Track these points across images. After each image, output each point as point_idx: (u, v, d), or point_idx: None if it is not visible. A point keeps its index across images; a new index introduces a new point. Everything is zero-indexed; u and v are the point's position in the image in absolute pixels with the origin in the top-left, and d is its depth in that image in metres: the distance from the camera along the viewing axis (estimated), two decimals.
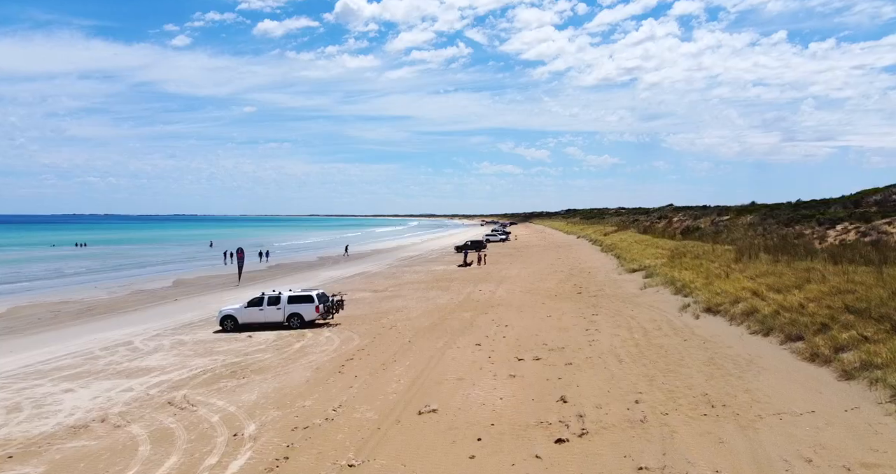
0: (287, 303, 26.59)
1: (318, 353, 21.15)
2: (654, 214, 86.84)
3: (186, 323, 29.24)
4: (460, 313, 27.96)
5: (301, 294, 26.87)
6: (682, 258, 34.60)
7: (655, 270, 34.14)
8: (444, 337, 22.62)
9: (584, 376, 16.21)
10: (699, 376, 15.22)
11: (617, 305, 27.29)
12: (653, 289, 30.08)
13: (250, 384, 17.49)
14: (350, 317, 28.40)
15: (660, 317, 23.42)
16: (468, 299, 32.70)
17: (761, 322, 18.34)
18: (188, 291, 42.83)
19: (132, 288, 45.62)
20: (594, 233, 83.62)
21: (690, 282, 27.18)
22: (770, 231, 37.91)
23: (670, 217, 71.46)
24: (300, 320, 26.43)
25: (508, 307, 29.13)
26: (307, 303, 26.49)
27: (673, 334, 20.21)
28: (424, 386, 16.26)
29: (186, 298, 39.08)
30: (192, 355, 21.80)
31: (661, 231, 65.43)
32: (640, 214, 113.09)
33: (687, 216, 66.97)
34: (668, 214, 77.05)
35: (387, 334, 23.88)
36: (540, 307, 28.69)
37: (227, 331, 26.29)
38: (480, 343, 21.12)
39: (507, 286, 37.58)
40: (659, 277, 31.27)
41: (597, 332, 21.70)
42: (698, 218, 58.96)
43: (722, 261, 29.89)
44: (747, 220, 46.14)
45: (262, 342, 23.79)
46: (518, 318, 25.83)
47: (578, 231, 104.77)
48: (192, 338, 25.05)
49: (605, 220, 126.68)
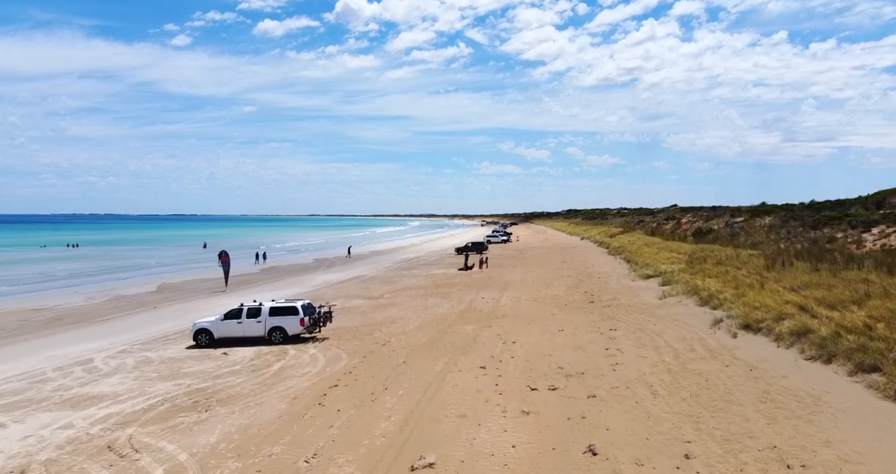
0: (268, 316, 23.66)
1: (299, 377, 18.23)
2: (662, 215, 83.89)
3: (160, 335, 26.34)
4: (461, 326, 25.04)
5: (284, 305, 23.95)
6: (703, 264, 31.68)
7: (673, 277, 31.22)
8: (444, 356, 19.70)
9: (613, 414, 13.28)
10: (758, 418, 12.28)
11: (636, 318, 24.36)
12: (674, 298, 27.13)
13: (213, 420, 14.57)
14: (340, 329, 25.48)
15: (689, 333, 20.48)
16: (470, 308, 29.78)
17: (819, 345, 15.40)
18: (171, 297, 39.91)
19: (112, 293, 42.71)
20: (599, 235, 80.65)
21: (718, 292, 24.25)
22: (795, 234, 34.98)
23: (678, 218, 68.51)
24: (283, 334, 23.50)
25: (514, 319, 26.21)
26: (291, 316, 23.56)
27: (710, 357, 17.28)
28: (420, 425, 13.35)
29: (167, 306, 36.16)
30: (155, 378, 18.88)
31: (671, 233, 62.50)
32: (643, 215, 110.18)
33: (696, 217, 64.03)
34: (676, 215, 74.11)
35: (379, 352, 20.96)
36: (549, 319, 25.77)
37: (201, 347, 23.37)
38: (485, 365, 18.19)
39: (511, 293, 34.66)
40: (679, 285, 28.34)
41: (619, 353, 18.77)
42: (710, 219, 56.01)
43: (750, 269, 26.96)
44: (765, 222, 43.20)
45: (237, 361, 20.86)
46: (526, 333, 22.91)
47: (581, 232, 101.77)
48: (160, 356, 22.12)
49: (609, 221, 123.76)
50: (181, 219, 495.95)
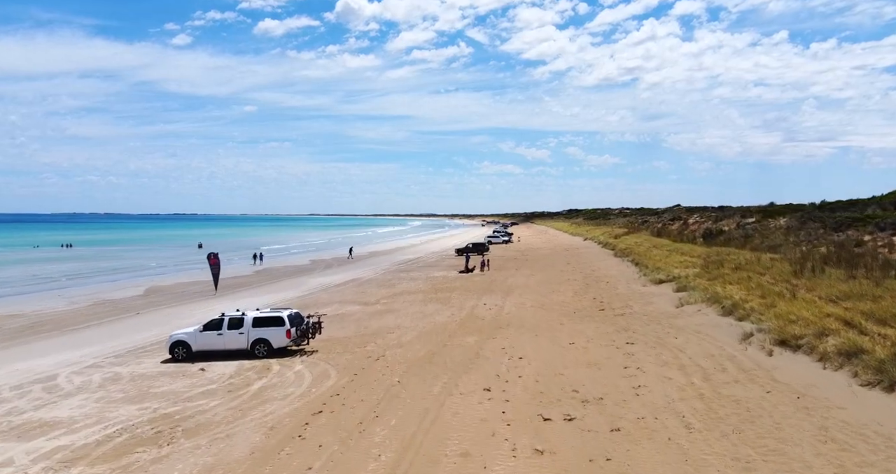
0: (252, 327, 21.53)
1: (280, 400, 16.12)
2: (667, 216, 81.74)
3: (136, 346, 24.24)
4: (463, 337, 22.92)
5: (269, 315, 21.83)
6: (720, 268, 29.52)
7: (689, 282, 29.08)
8: (443, 375, 17.58)
9: (643, 454, 11.16)
10: (822, 465, 10.15)
11: (653, 329, 22.23)
12: (692, 306, 25.00)
13: (174, 456, 12.46)
14: (331, 341, 23.37)
15: (716, 349, 18.34)
16: (471, 316, 27.67)
17: (877, 369, 13.27)
18: (158, 302, 37.81)
19: (98, 297, 40.61)
20: (602, 235, 78.47)
21: (742, 300, 22.11)
22: (816, 236, 32.83)
23: (685, 218, 66.38)
24: (268, 347, 21.37)
25: (520, 328, 24.10)
26: (276, 327, 21.44)
27: (746, 379, 15.15)
28: (415, 467, 11.24)
29: (152, 311, 34.05)
30: (120, 400, 16.78)
31: (678, 234, 60.37)
32: (647, 215, 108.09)
33: (704, 217, 61.88)
34: (682, 216, 71.96)
35: (371, 369, 18.85)
36: (558, 329, 23.65)
37: (177, 361, 21.26)
38: (490, 387, 16.07)
39: (515, 299, 32.53)
40: (697, 292, 26.19)
41: (640, 372, 16.64)
42: (719, 220, 53.86)
43: (775, 275, 24.83)
44: (780, 223, 41.05)
45: (214, 378, 18.75)
46: (534, 346, 20.79)
47: (584, 232, 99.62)
48: (131, 372, 20.01)
49: (611, 221, 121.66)
50: (181, 218, 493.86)
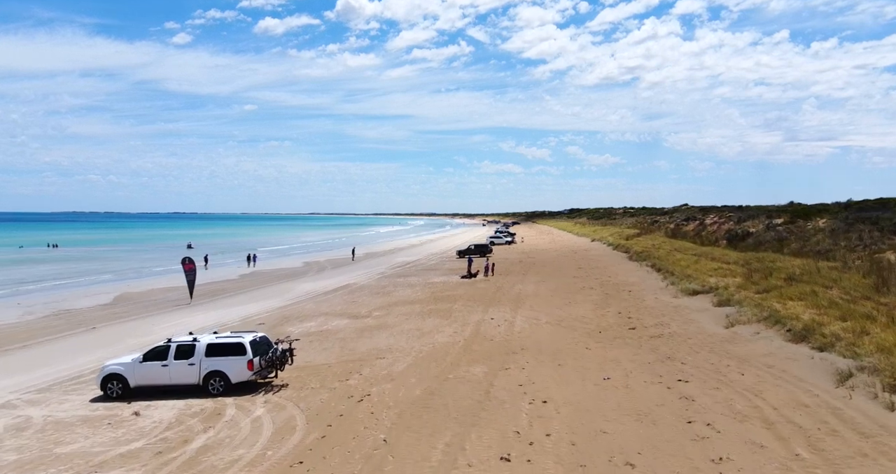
0: (205, 356, 17.05)
1: (222, 470, 11.64)
2: (679, 215, 77.21)
3: (71, 375, 19.80)
4: (468, 366, 18.43)
5: (227, 341, 17.34)
6: (768, 279, 25.05)
7: (731, 295, 24.62)
8: (445, 429, 13.09)
9: None
10: None
11: (706, 359, 17.71)
12: (746, 327, 20.50)
13: None
14: (307, 369, 18.91)
15: (807, 396, 13.82)
16: (477, 335, 23.20)
17: None
18: (122, 313, 33.35)
19: (58, 306, 36.19)
20: (612, 237, 73.92)
21: (817, 323, 17.64)
22: (872, 240, 28.34)
23: (701, 219, 61.88)
24: (224, 382, 16.89)
25: (538, 354, 19.61)
26: (236, 356, 16.97)
27: (874, 452, 10.62)
28: None
29: (110, 325, 29.59)
30: (6, 467, 12.31)
31: (695, 235, 55.87)
32: (654, 215, 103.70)
33: (722, 218, 57.36)
34: (696, 215, 67.45)
35: (352, 416, 14.36)
36: (584, 355, 19.17)
37: (111, 399, 16.81)
38: (510, 454, 11.57)
39: (526, 312, 28.04)
40: (749, 309, 21.70)
41: (712, 432, 12.10)
42: (742, 221, 49.32)
43: (847, 289, 20.35)
44: (819, 225, 36.53)
45: (146, 430, 14.26)
46: (559, 382, 16.29)
47: (590, 233, 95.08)
48: (45, 417, 15.53)
49: (617, 221, 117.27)
50: (181, 217, 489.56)
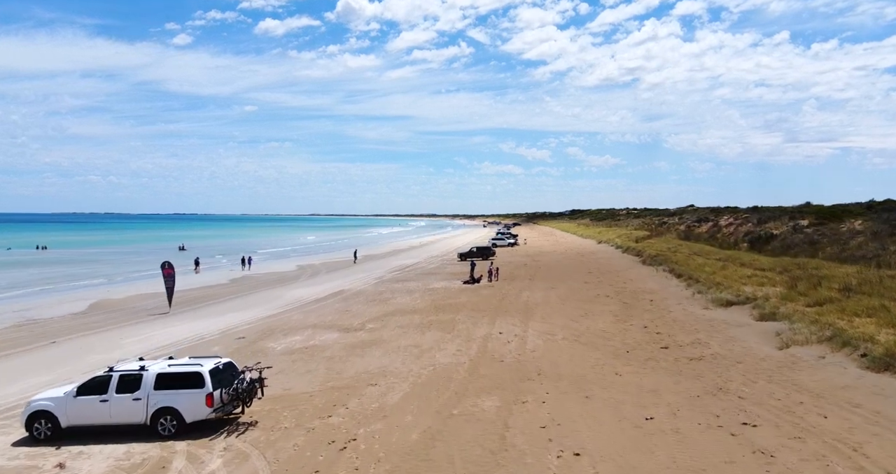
0: (154, 389, 13.81)
1: None
2: (689, 217, 73.98)
3: (10, 404, 16.59)
4: (476, 398, 15.19)
5: (182, 370, 14.10)
6: (817, 289, 21.85)
7: (775, 307, 21.40)
8: None
9: None
10: None
11: (769, 391, 14.46)
12: (804, 349, 17.26)
13: None
14: (284, 399, 15.70)
15: None
16: (485, 354, 19.99)
17: None
18: (95, 323, 30.14)
19: (28, 314, 33.02)
20: (619, 239, 70.65)
21: None
22: None
23: (714, 220, 58.67)
24: (177, 421, 13.63)
25: (558, 381, 16.38)
26: (192, 389, 13.73)
27: None
28: None
29: (76, 337, 26.39)
30: None
31: (710, 237, 52.61)
32: (660, 216, 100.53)
33: (738, 219, 54.14)
34: (709, 216, 64.24)
35: (330, 473, 11.13)
36: (614, 383, 15.94)
37: (37, 442, 13.59)
38: None
39: (539, 324, 24.82)
40: (802, 325, 18.47)
41: None
42: (763, 222, 46.07)
43: None
44: (856, 227, 33.29)
45: None
46: (589, 422, 13.05)
47: (595, 235, 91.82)
48: None
49: (621, 222, 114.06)
50: (181, 218, 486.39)
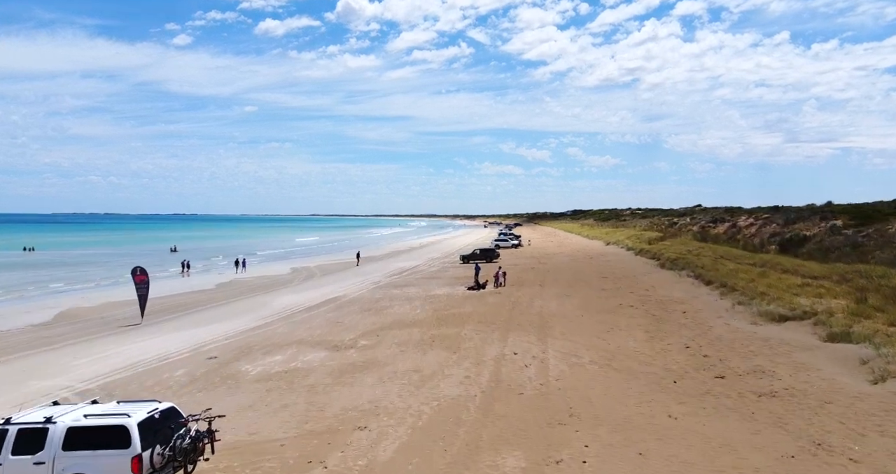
0: (62, 450, 10.18)
1: None
2: (701, 217, 70.37)
3: None
4: (495, 456, 11.55)
5: (102, 422, 10.44)
6: (894, 303, 18.23)
7: (846, 325, 17.80)
8: None
9: None
10: None
11: (889, 450, 10.86)
12: None
13: None
14: (247, 451, 12.07)
15: None
16: (499, 385, 16.36)
17: None
18: (56, 336, 26.54)
19: None
20: (629, 240, 67.01)
21: None
22: None
23: (732, 220, 55.10)
24: None
25: (597, 426, 12.75)
26: (112, 451, 10.09)
27: None
28: None
29: (23, 357, 22.77)
30: None
31: (729, 239, 48.97)
32: (668, 216, 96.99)
33: (758, 219, 50.54)
34: (724, 217, 60.65)
35: None
36: (671, 431, 12.31)
37: None
38: None
39: (559, 342, 21.20)
40: None
41: None
42: (790, 223, 42.45)
43: None
44: None
45: None
46: None
47: (602, 235, 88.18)
48: None
49: (626, 223, 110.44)
50: (180, 218, 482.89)
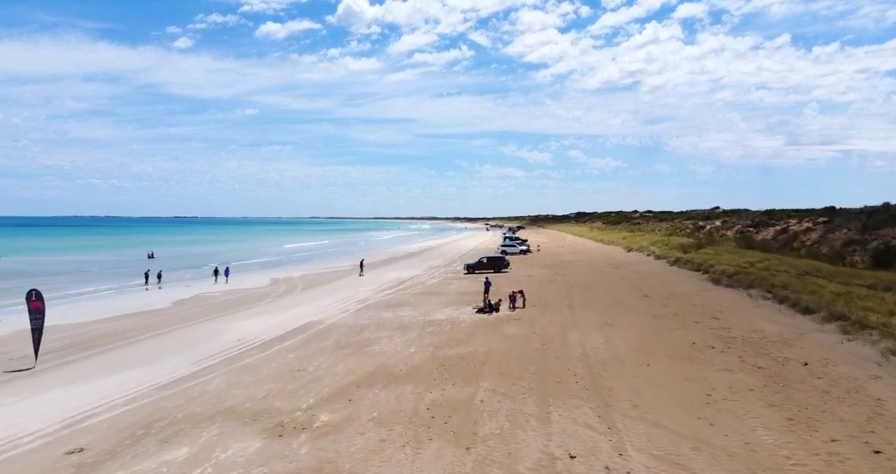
0: None
1: None
2: (737, 220, 62.44)
3: None
4: None
5: None
6: None
7: None
8: None
9: None
10: None
11: None
12: None
13: None
14: None
15: None
16: None
17: None
18: None
19: None
20: (656, 246, 59.06)
21: None
22: None
23: (783, 224, 47.29)
24: None
25: None
26: None
27: None
28: None
29: None
30: None
31: (783, 246, 40.98)
32: (691, 218, 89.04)
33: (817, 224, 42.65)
34: (764, 219, 52.81)
35: None
36: None
37: None
38: None
39: (639, 427, 13.25)
40: None
41: None
42: (873, 228, 34.62)
43: None
44: None
45: None
46: None
47: (619, 240, 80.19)
48: None
49: (641, 226, 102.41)
50: (181, 221, 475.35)
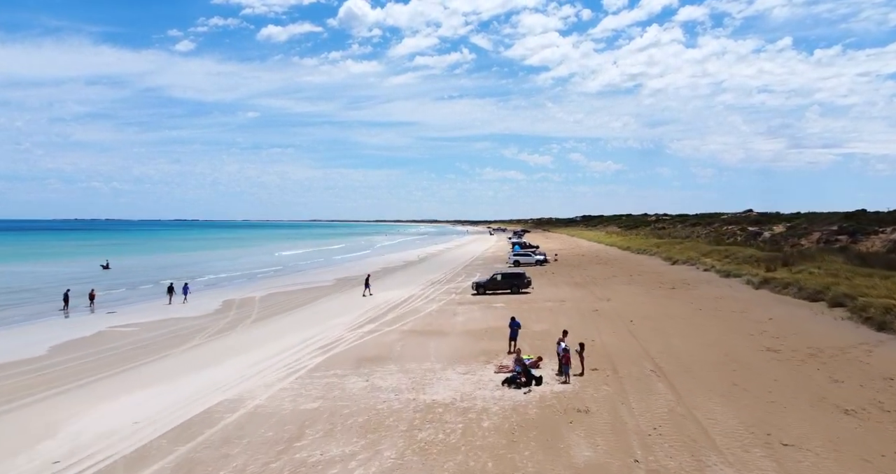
0: None
1: None
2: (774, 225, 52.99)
3: None
4: None
5: None
6: None
7: None
8: None
9: None
10: None
11: None
12: None
13: None
14: None
15: None
16: None
17: None
18: None
19: None
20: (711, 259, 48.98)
21: None
22: None
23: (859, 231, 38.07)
24: None
25: None
26: None
27: None
28: None
29: None
30: None
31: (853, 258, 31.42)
32: (727, 224, 79.55)
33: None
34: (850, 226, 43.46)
35: None
36: None
37: None
38: None
39: None
40: None
41: None
42: None
43: None
44: None
45: None
46: None
47: (650, 247, 70.35)
48: None
49: (666, 230, 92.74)
50: (181, 224, 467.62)
